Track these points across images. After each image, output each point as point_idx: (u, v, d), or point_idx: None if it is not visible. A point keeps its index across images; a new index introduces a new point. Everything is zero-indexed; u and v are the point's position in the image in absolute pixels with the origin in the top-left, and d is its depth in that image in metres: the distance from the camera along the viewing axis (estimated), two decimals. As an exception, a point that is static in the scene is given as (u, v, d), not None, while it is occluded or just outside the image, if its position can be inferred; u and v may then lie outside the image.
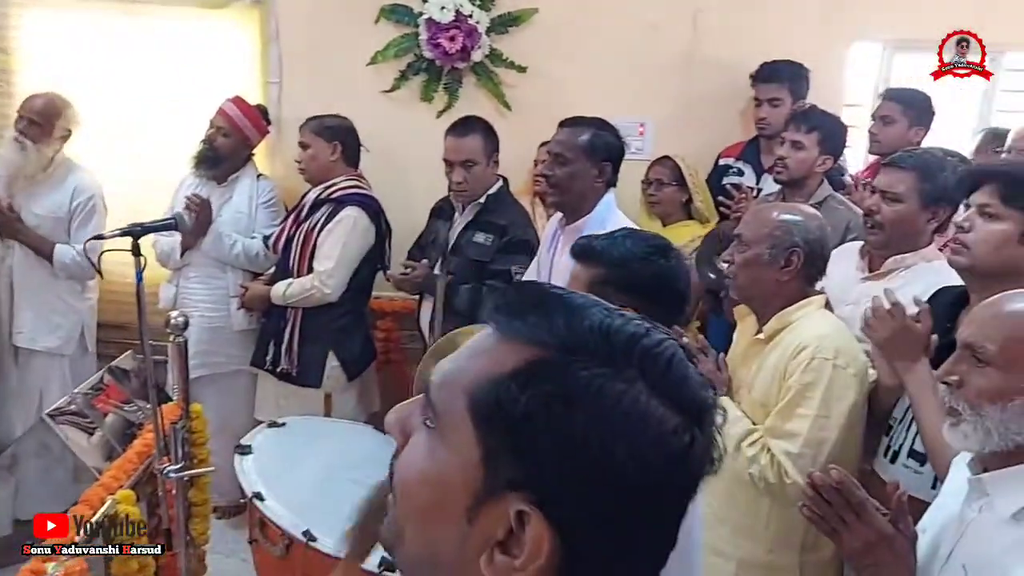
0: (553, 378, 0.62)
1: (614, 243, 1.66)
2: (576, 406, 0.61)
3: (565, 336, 0.63)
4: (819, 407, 1.91)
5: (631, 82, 3.76)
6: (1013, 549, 1.26)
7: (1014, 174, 1.83)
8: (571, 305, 0.66)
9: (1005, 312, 1.32)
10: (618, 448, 0.61)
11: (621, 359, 0.63)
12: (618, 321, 0.65)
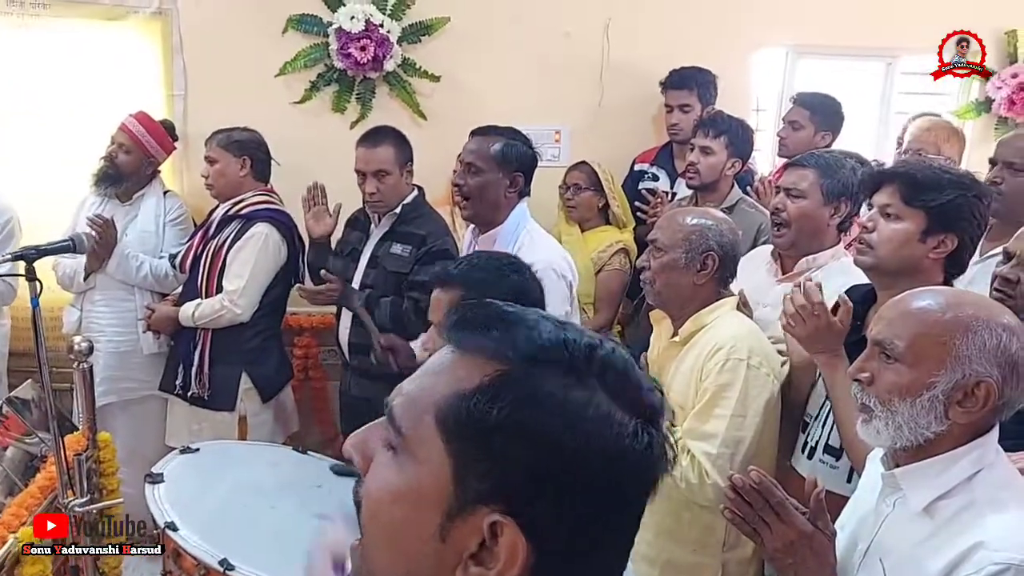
0: (520, 389, 0.64)
1: (471, 266, 1.79)
2: (544, 415, 0.63)
3: (526, 349, 0.66)
4: (735, 407, 1.94)
5: (546, 90, 3.78)
6: (926, 542, 1.29)
7: (913, 175, 1.88)
8: (527, 320, 0.68)
9: (912, 309, 1.35)
10: (587, 453, 0.63)
11: (582, 368, 0.66)
12: (573, 333, 0.68)
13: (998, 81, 4.04)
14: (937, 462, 1.31)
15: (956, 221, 1.83)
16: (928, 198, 1.83)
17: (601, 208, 3.50)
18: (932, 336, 1.30)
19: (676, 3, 3.77)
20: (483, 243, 2.61)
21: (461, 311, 0.71)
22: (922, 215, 1.84)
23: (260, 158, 3.20)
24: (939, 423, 1.29)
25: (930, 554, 1.27)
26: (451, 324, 0.70)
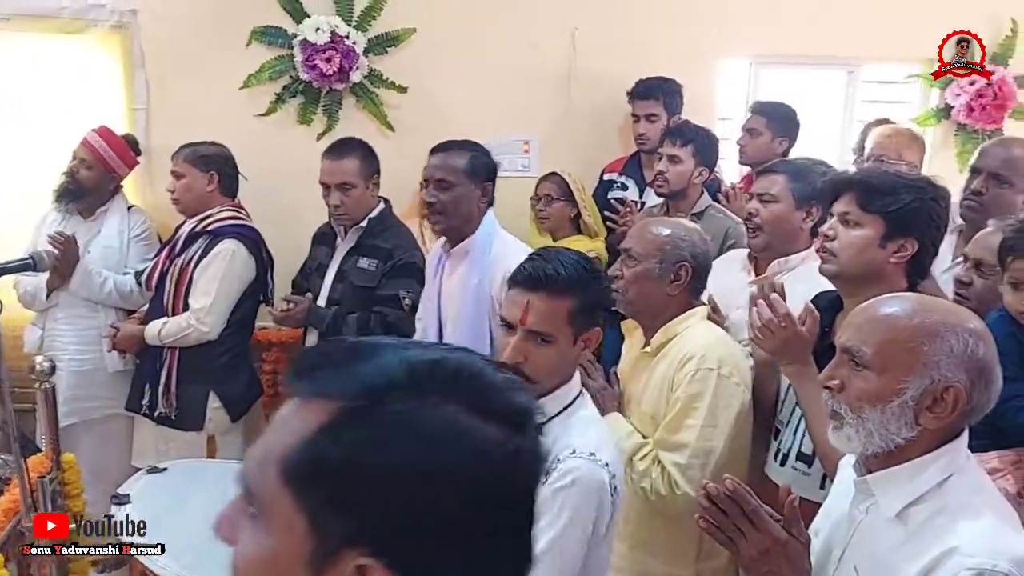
0: (360, 424, 0.62)
1: (566, 267, 1.64)
2: (389, 445, 0.61)
3: (363, 382, 0.63)
4: (705, 417, 1.94)
5: (514, 100, 3.78)
6: (900, 548, 1.29)
7: (869, 182, 1.90)
8: (365, 350, 0.66)
9: (879, 316, 1.36)
10: (446, 476, 0.61)
11: (426, 388, 0.63)
12: (415, 352, 0.66)
13: (957, 88, 4.11)
14: (908, 468, 1.32)
15: (914, 225, 1.85)
16: (885, 203, 1.85)
17: (573, 218, 3.50)
18: (900, 342, 1.30)
19: (641, 14, 3.80)
20: (456, 255, 2.61)
21: (297, 359, 0.69)
22: (880, 220, 1.86)
23: (227, 173, 3.16)
24: (909, 429, 1.30)
25: (904, 560, 1.27)
26: (290, 373, 0.68)
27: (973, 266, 1.98)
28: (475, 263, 2.56)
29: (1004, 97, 4.05)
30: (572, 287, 1.61)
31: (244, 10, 3.57)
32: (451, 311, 2.62)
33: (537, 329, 1.59)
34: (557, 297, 1.60)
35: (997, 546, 1.21)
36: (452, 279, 2.63)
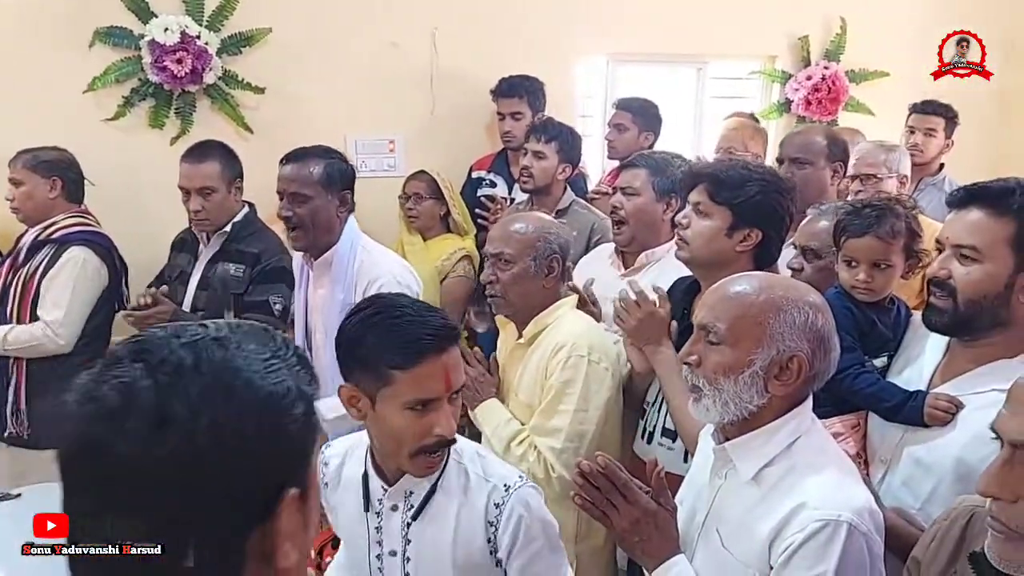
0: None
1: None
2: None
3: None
4: (578, 402, 2.01)
5: (377, 100, 3.76)
6: (756, 507, 1.39)
7: (720, 175, 2.01)
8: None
9: (730, 294, 1.45)
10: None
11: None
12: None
13: (795, 84, 4.40)
14: (761, 433, 1.42)
15: (759, 216, 1.97)
16: (733, 195, 1.96)
17: (442, 216, 3.53)
18: (749, 317, 1.40)
19: (500, 13, 3.86)
20: (319, 268, 2.53)
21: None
22: (728, 212, 1.97)
23: (71, 178, 2.99)
24: (760, 397, 1.39)
25: (759, 518, 1.37)
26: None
27: (801, 253, 2.13)
28: (339, 275, 2.48)
29: (837, 91, 4.38)
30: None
31: (85, 10, 3.38)
32: (319, 323, 2.56)
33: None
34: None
35: (840, 499, 1.32)
36: (318, 292, 2.57)
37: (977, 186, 1.65)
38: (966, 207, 1.62)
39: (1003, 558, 1.05)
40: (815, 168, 2.83)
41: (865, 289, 1.87)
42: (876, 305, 1.89)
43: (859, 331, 1.86)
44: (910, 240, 1.88)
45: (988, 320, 1.59)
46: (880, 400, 1.75)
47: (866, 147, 3.07)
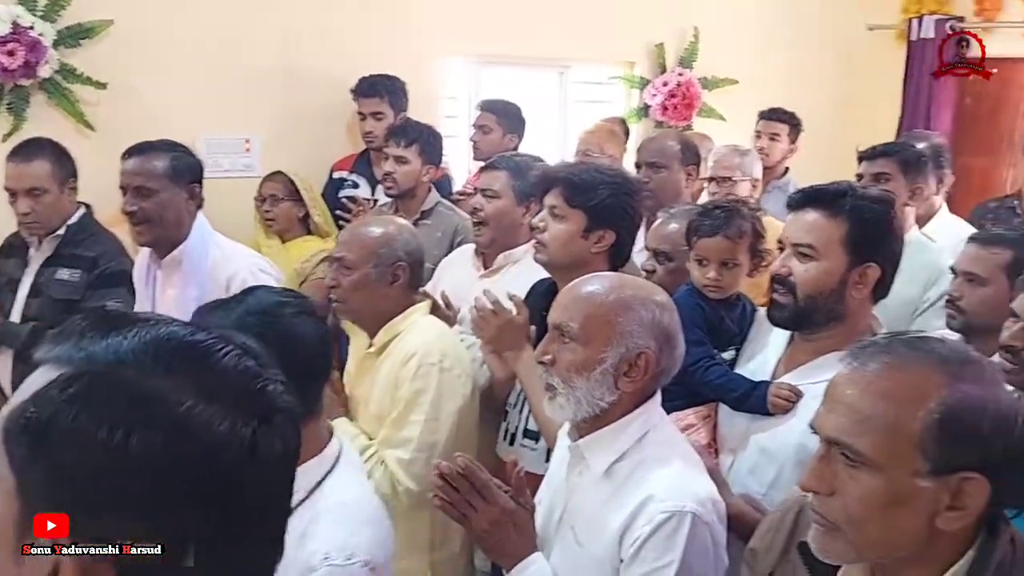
0: (71, 390, 0.60)
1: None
2: (91, 413, 0.59)
3: (92, 354, 0.63)
4: (428, 411, 1.97)
5: (230, 97, 3.61)
6: (607, 502, 1.42)
7: (573, 178, 2.04)
8: (116, 323, 0.65)
9: (582, 294, 1.48)
10: (157, 455, 0.59)
11: (153, 365, 0.62)
12: (162, 330, 0.65)
13: (652, 89, 4.55)
14: (612, 429, 1.45)
15: (612, 218, 2.02)
16: (586, 199, 2.00)
17: (301, 219, 3.43)
18: (599, 316, 1.43)
19: (361, 11, 3.79)
20: (168, 267, 2.40)
21: (61, 326, 0.67)
22: (582, 215, 2.01)
23: None
24: (611, 393, 1.42)
25: (611, 512, 1.40)
26: (47, 340, 0.66)
27: (653, 256, 2.20)
28: (191, 274, 2.37)
29: (691, 97, 4.55)
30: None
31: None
32: None
33: None
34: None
35: (685, 489, 1.37)
36: (168, 293, 2.44)
37: (813, 189, 1.74)
38: (804, 208, 1.71)
39: (823, 549, 1.10)
40: (670, 172, 2.94)
41: (715, 287, 1.94)
42: (724, 302, 1.96)
43: (709, 326, 1.93)
44: (755, 240, 1.97)
45: (824, 314, 1.68)
46: (728, 391, 1.82)
47: (722, 151, 3.21)
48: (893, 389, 1.04)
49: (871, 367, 1.06)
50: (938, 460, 1.01)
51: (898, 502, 1.03)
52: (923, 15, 4.69)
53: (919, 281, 2.56)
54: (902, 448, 1.02)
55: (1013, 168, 4.53)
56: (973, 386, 1.03)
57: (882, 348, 1.08)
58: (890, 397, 1.03)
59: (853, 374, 1.08)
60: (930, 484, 1.01)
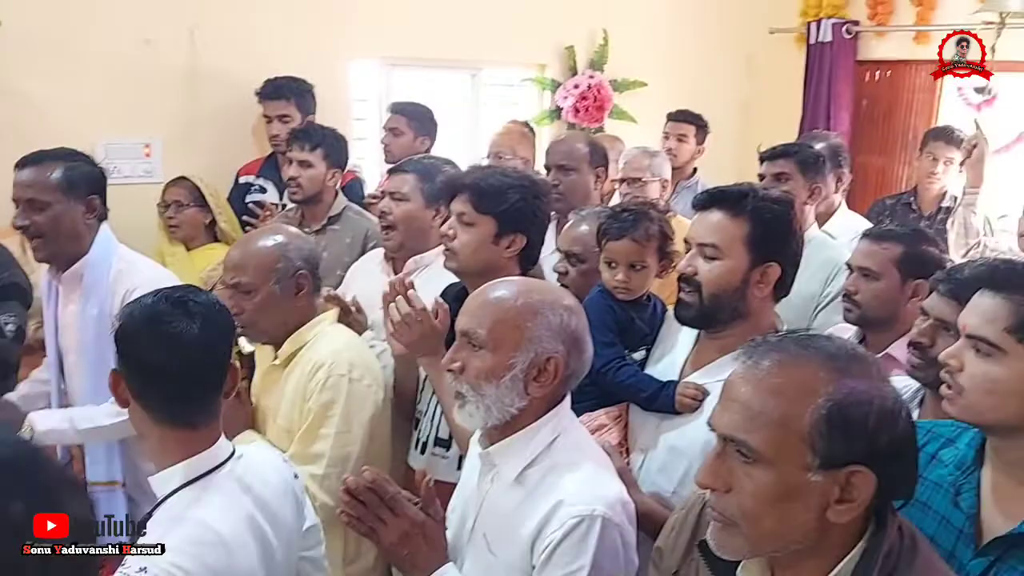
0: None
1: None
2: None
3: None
4: (339, 424, 1.92)
5: (129, 101, 3.48)
6: (519, 509, 1.41)
7: (481, 184, 2.03)
8: None
9: (490, 300, 1.47)
10: None
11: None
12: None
13: (564, 92, 4.58)
14: (523, 435, 1.44)
15: (522, 222, 2.02)
16: (495, 204, 2.00)
17: (208, 225, 3.32)
18: (508, 322, 1.42)
19: (266, 12, 3.70)
20: (68, 281, 2.27)
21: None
22: (492, 220, 2.00)
23: None
24: (521, 399, 1.42)
25: (522, 519, 1.39)
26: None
27: (565, 258, 2.21)
28: (92, 288, 2.25)
29: (603, 99, 4.61)
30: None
31: None
32: (72, 342, 2.31)
33: None
34: None
35: (594, 493, 1.37)
36: (68, 309, 2.32)
37: (717, 190, 1.78)
38: (708, 209, 1.74)
39: (720, 545, 1.12)
40: (580, 174, 2.97)
41: (624, 288, 1.96)
42: (635, 303, 1.98)
43: (620, 327, 1.95)
44: (662, 242, 1.99)
45: (729, 312, 1.72)
46: (638, 391, 1.84)
47: (632, 153, 3.25)
48: (783, 386, 1.07)
49: (763, 365, 1.09)
50: (826, 454, 1.04)
51: (790, 496, 1.06)
52: (821, 19, 4.87)
53: (820, 277, 2.64)
54: (792, 443, 1.05)
55: (908, 166, 4.75)
56: (859, 382, 1.06)
57: (773, 346, 1.11)
58: (780, 394, 1.06)
59: (746, 372, 1.11)
60: (820, 478, 1.05)
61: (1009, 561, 1.24)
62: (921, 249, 2.08)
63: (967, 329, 1.29)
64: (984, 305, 1.28)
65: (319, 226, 3.07)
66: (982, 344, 1.26)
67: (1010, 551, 1.24)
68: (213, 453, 1.39)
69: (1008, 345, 1.23)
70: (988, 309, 1.27)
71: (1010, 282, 1.27)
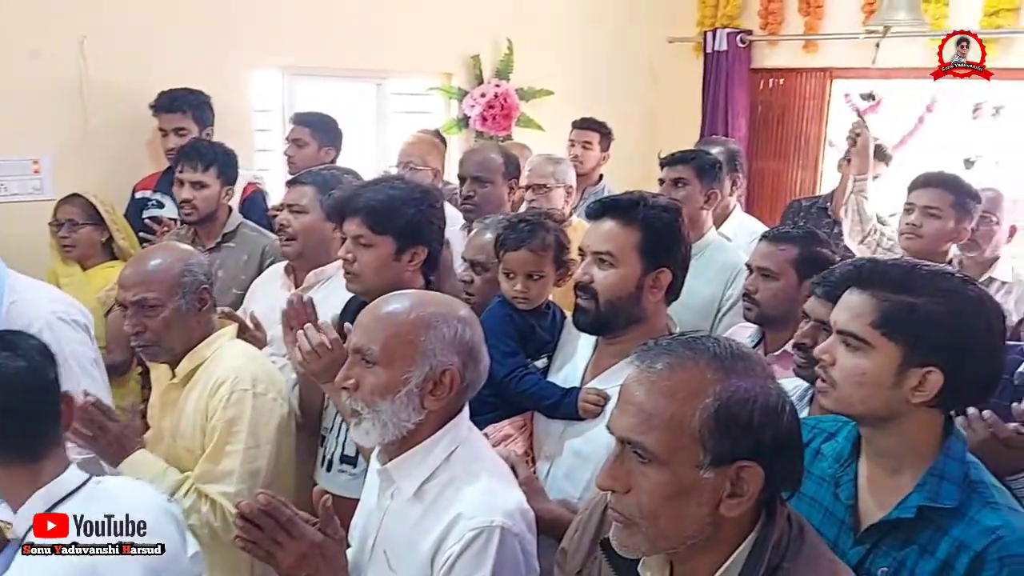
0: None
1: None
2: None
3: None
4: (247, 439, 1.89)
5: (16, 115, 3.35)
6: (418, 524, 1.41)
7: (374, 204, 2.01)
8: None
9: (382, 315, 1.46)
10: None
11: None
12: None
13: (471, 100, 4.60)
14: (420, 449, 1.44)
15: (419, 234, 2.02)
16: (392, 222, 1.99)
17: (104, 243, 3.20)
18: (401, 336, 1.42)
19: (159, 22, 3.60)
20: None
21: None
22: (391, 238, 2.00)
23: None
24: (417, 414, 1.42)
25: (422, 534, 1.39)
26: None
27: (470, 266, 2.22)
28: None
29: (509, 108, 4.64)
30: None
31: None
32: None
33: None
34: None
35: (492, 504, 1.38)
36: None
37: (609, 199, 1.82)
38: (601, 218, 1.77)
39: (622, 544, 1.16)
40: (494, 186, 2.95)
41: (523, 298, 1.98)
42: (534, 311, 2.00)
43: (521, 336, 1.97)
44: (559, 251, 2.01)
45: (625, 318, 1.76)
46: (541, 399, 1.86)
47: (536, 160, 3.28)
48: (673, 388, 1.11)
49: (656, 368, 1.13)
50: (716, 451, 1.09)
51: (684, 493, 1.10)
52: (716, 29, 5.03)
53: (720, 280, 2.72)
54: (684, 442, 1.09)
55: (802, 170, 4.94)
56: (743, 380, 1.11)
57: (664, 349, 1.15)
58: (671, 395, 1.10)
59: (640, 375, 1.14)
60: (711, 475, 1.09)
61: (883, 548, 1.31)
62: (816, 251, 2.17)
63: (837, 325, 1.36)
64: (852, 302, 1.34)
65: (213, 244, 3.00)
66: (851, 339, 1.33)
67: (884, 538, 1.31)
68: (66, 479, 1.43)
69: (874, 339, 1.30)
70: (855, 306, 1.33)
71: (873, 280, 1.33)
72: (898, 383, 1.28)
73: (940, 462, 1.30)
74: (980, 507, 1.26)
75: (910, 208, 2.77)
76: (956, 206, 2.71)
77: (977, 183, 2.94)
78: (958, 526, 1.26)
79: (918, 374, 1.27)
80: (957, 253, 2.86)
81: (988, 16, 4.03)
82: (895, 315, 1.28)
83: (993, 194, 2.93)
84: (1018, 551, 1.21)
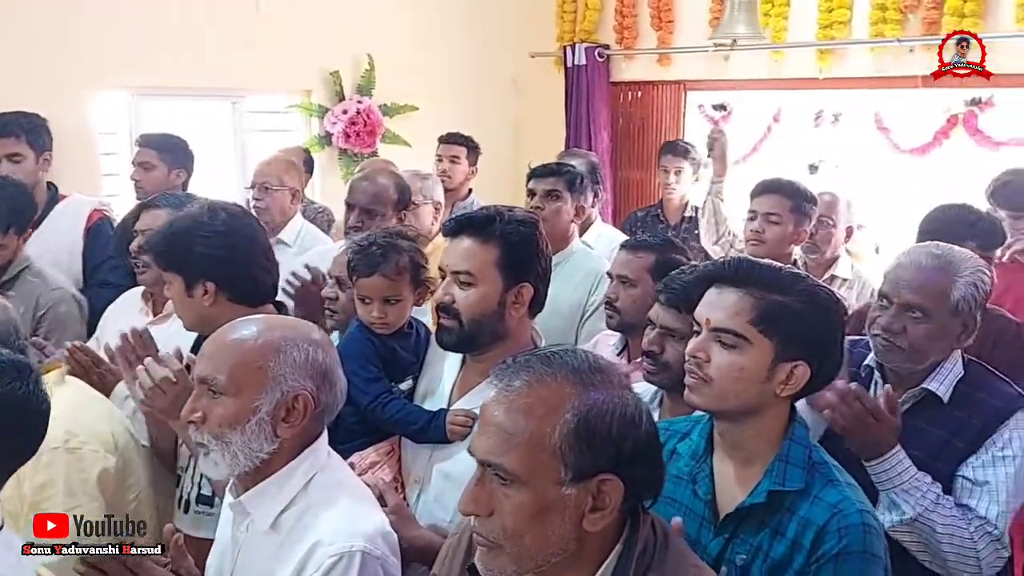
0: None
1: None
2: None
3: None
4: (64, 502, 1.68)
5: None
6: (275, 555, 1.35)
7: (161, 246, 1.89)
8: None
9: (227, 343, 1.39)
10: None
11: None
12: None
13: (333, 117, 4.52)
14: (276, 478, 1.38)
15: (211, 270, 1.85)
16: (181, 263, 1.87)
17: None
18: (248, 363, 1.36)
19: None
20: None
21: None
22: (179, 277, 1.87)
23: None
24: (270, 443, 1.36)
25: (279, 566, 1.34)
26: None
27: (336, 283, 2.16)
28: None
29: (373, 124, 4.59)
30: None
31: None
32: None
33: None
34: None
35: (352, 528, 1.34)
36: None
37: (465, 216, 1.77)
38: (458, 236, 1.73)
39: (487, 567, 1.13)
40: (384, 219, 2.75)
41: (381, 324, 1.91)
42: (395, 333, 1.94)
43: (383, 360, 1.90)
44: (415, 272, 1.95)
45: (489, 335, 1.72)
46: (408, 424, 1.81)
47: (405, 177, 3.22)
48: (532, 405, 1.09)
49: (514, 386, 1.11)
50: (577, 467, 1.08)
51: (547, 511, 1.09)
52: (575, 43, 5.14)
53: (584, 287, 2.77)
54: (544, 460, 1.08)
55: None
56: (600, 393, 1.10)
57: (522, 366, 1.14)
58: (529, 413, 1.09)
59: (499, 395, 1.12)
60: (573, 491, 1.08)
61: (740, 536, 1.36)
62: (671, 257, 2.22)
63: (712, 323, 1.39)
64: (727, 300, 1.38)
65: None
66: (727, 336, 1.36)
67: (741, 526, 1.36)
68: None
69: (752, 335, 1.35)
70: (732, 304, 1.37)
71: (749, 279, 1.37)
72: (769, 378, 1.35)
73: (785, 447, 1.37)
74: (823, 486, 1.34)
75: (752, 215, 2.89)
76: (794, 210, 2.84)
77: (819, 187, 3.10)
78: (804, 505, 1.33)
79: (786, 368, 1.35)
80: (800, 255, 3.01)
81: (823, 28, 4.30)
82: (770, 313, 1.34)
83: (829, 198, 3.09)
84: (855, 521, 1.30)
